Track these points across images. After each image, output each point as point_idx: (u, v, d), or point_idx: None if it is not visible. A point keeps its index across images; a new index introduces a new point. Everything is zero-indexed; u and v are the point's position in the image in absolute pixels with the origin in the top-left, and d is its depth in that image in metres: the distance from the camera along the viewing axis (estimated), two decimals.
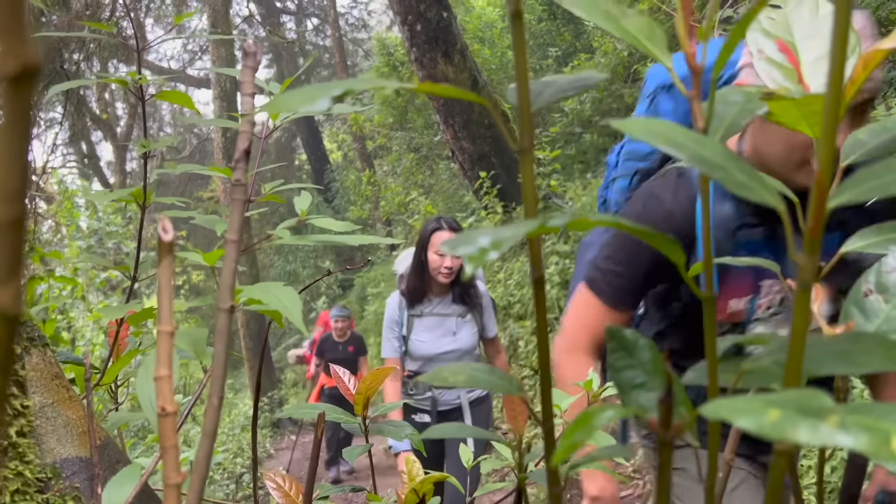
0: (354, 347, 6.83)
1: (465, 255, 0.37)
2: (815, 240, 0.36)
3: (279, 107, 0.45)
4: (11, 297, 0.20)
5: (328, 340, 6.85)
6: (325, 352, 6.76)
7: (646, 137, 0.39)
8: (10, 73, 0.19)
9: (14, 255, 0.20)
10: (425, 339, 3.10)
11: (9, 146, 0.19)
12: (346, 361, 6.64)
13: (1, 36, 0.18)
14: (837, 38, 0.35)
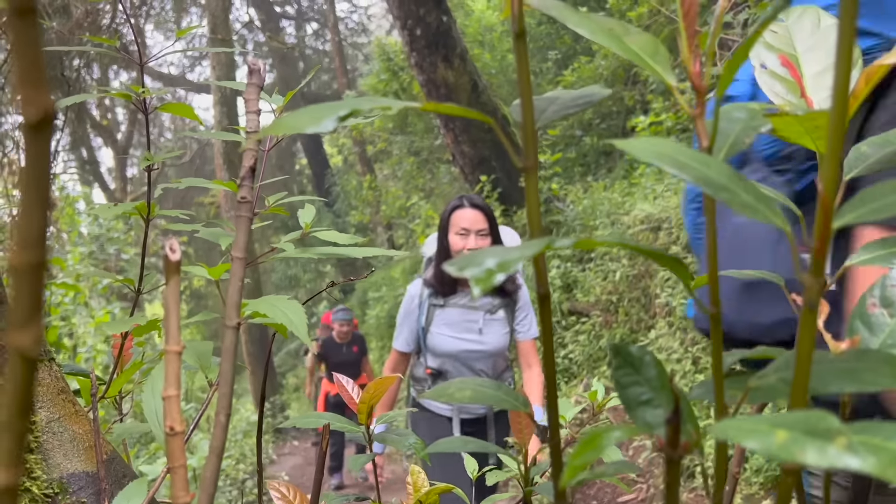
0: (358, 348, 6.72)
1: (471, 277, 0.37)
2: (820, 260, 0.36)
3: (284, 128, 0.45)
4: (32, 339, 0.20)
5: (330, 344, 6.74)
6: (329, 355, 6.65)
7: (650, 158, 0.39)
8: (31, 122, 0.19)
9: (35, 298, 0.20)
10: (446, 333, 2.66)
11: (30, 192, 0.19)
12: (350, 363, 6.56)
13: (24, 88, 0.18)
14: (841, 54, 0.35)
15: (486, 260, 0.40)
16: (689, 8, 0.43)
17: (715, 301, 0.43)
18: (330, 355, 6.68)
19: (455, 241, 2.58)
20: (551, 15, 0.47)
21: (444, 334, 2.65)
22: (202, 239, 3.71)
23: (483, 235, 2.58)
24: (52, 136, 0.19)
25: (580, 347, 5.95)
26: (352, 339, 6.75)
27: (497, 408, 0.57)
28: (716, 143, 0.47)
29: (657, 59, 0.46)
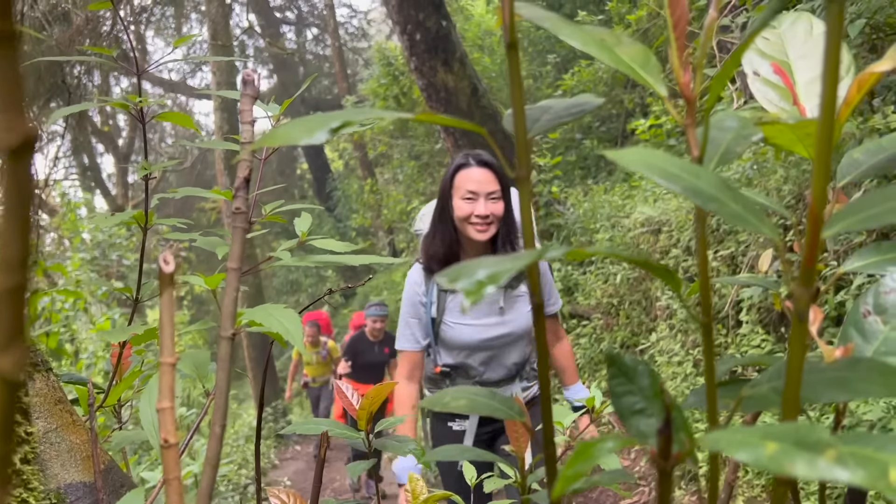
0: (389, 349, 6.08)
1: (462, 289, 0.37)
2: (810, 270, 0.36)
3: (277, 140, 0.45)
4: (13, 362, 0.20)
5: (362, 340, 6.11)
6: (358, 353, 6.07)
7: (640, 169, 0.39)
8: (12, 146, 0.19)
9: (16, 321, 0.20)
10: (463, 321, 2.25)
11: (11, 216, 0.19)
12: (378, 365, 6.09)
13: (4, 113, 0.18)
14: (829, 65, 0.35)
15: (478, 271, 0.40)
16: (679, 19, 0.44)
17: (706, 311, 0.43)
18: (358, 354, 6.06)
19: (461, 206, 2.13)
20: (543, 26, 0.47)
21: (462, 323, 2.24)
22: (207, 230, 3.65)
23: (494, 199, 2.15)
24: (33, 160, 0.19)
25: (581, 350, 5.95)
26: (384, 339, 6.11)
27: (496, 417, 0.56)
28: (707, 153, 0.47)
29: (648, 69, 0.46)
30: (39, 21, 5.34)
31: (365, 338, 6.12)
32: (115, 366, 1.06)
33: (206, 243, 0.85)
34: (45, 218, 9.89)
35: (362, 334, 6.13)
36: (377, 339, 6.10)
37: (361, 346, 6.11)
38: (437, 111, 7.25)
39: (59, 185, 9.30)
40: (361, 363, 6.02)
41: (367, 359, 6.05)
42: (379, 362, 6.09)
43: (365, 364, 6.01)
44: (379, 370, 6.11)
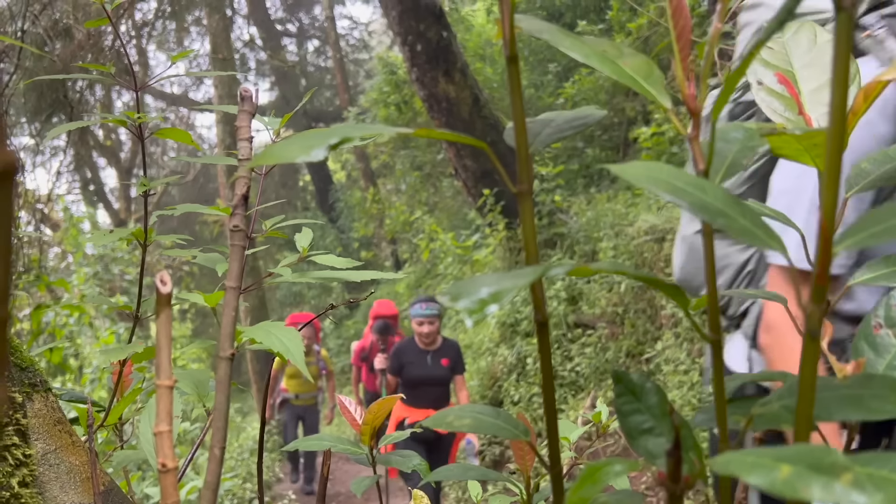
0: (449, 361, 4.61)
1: (463, 308, 0.36)
2: (821, 287, 0.35)
3: (274, 157, 0.45)
4: None
5: (410, 349, 4.64)
6: (405, 365, 4.59)
7: (645, 183, 0.38)
8: None
9: None
10: None
11: None
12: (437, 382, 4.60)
13: None
14: (838, 75, 0.34)
15: (480, 289, 0.39)
16: (682, 30, 0.43)
17: (715, 328, 0.42)
18: (406, 366, 4.61)
19: None
20: (544, 38, 0.46)
21: None
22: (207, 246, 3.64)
23: None
24: (14, 189, 0.19)
25: (586, 360, 5.93)
26: (441, 347, 4.64)
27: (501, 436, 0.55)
28: (713, 165, 0.46)
29: (651, 81, 0.45)
30: (41, 37, 5.36)
31: (414, 345, 4.64)
32: (116, 384, 1.05)
33: (206, 259, 0.85)
34: (48, 233, 9.92)
35: (411, 342, 4.68)
36: (430, 348, 4.61)
37: (409, 355, 4.60)
38: (438, 121, 7.26)
39: (62, 199, 9.31)
40: (411, 379, 4.58)
41: (417, 373, 4.57)
42: (436, 379, 4.58)
43: (416, 381, 4.58)
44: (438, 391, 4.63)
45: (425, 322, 4.56)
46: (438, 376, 4.59)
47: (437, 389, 4.62)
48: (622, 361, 5.68)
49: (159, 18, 7.99)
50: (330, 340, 13.50)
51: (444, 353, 4.64)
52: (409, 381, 4.58)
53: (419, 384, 4.55)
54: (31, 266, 6.01)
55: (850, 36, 0.33)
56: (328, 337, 13.53)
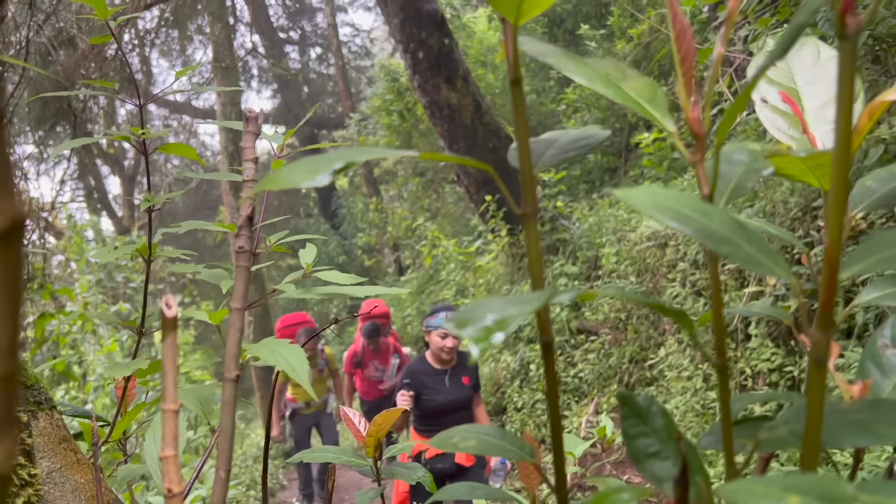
0: (470, 378, 3.87)
1: (469, 337, 0.36)
2: (828, 314, 0.35)
3: (280, 182, 0.45)
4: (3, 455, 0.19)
5: (425, 371, 3.79)
6: (425, 388, 3.76)
7: (650, 210, 0.38)
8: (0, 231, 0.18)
9: (7, 412, 0.19)
10: None
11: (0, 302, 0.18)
12: (462, 406, 3.82)
13: None
14: (842, 105, 0.34)
15: (486, 316, 0.39)
16: (686, 54, 0.43)
17: (721, 352, 0.42)
18: (427, 389, 3.77)
19: None
20: (548, 62, 0.46)
21: None
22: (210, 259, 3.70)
23: None
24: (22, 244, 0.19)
25: (590, 366, 5.92)
26: (459, 363, 3.86)
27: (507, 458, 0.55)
28: (717, 188, 0.46)
29: (655, 104, 0.45)
30: (45, 47, 5.38)
31: (427, 365, 3.81)
32: (121, 399, 1.05)
33: (210, 276, 0.85)
34: (52, 241, 9.94)
35: (423, 361, 3.85)
36: (447, 366, 3.79)
37: (425, 377, 3.78)
38: (440, 128, 7.27)
39: (66, 207, 9.34)
40: (430, 409, 3.79)
41: (438, 400, 3.77)
42: (459, 403, 3.80)
43: (436, 409, 3.79)
44: (461, 416, 3.86)
45: (450, 335, 3.69)
46: (461, 399, 3.80)
47: (460, 415, 3.81)
48: (625, 367, 5.67)
49: (162, 27, 8.02)
50: (332, 348, 13.48)
51: (463, 369, 3.86)
52: (427, 411, 3.77)
53: (441, 412, 3.75)
54: (36, 275, 6.03)
55: (854, 64, 0.33)
56: (329, 345, 13.52)
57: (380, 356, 6.05)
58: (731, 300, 4.97)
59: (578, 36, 9.22)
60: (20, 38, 4.86)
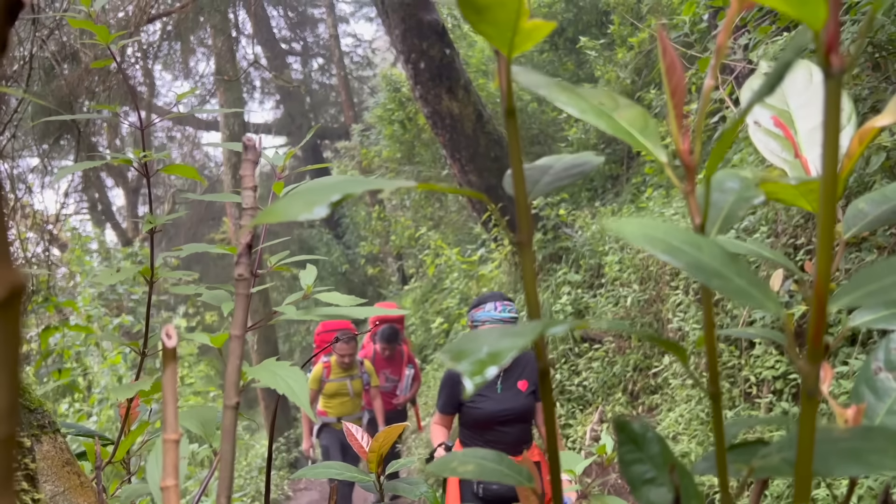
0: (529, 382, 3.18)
1: (464, 372, 0.36)
2: (818, 348, 0.35)
3: (277, 215, 0.45)
4: None
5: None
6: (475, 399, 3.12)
7: (641, 243, 0.38)
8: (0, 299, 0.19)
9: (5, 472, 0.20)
10: None
11: None
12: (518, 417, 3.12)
13: None
14: (828, 142, 0.35)
15: (481, 349, 0.39)
16: (676, 87, 0.43)
17: (714, 380, 0.42)
18: (476, 399, 3.14)
19: None
20: (540, 94, 0.47)
21: None
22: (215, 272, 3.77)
23: None
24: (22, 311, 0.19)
25: (594, 374, 5.91)
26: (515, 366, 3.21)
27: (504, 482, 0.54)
28: (709, 217, 0.47)
29: (646, 133, 0.46)
30: (49, 61, 5.42)
31: None
32: (124, 418, 1.05)
33: (211, 297, 0.85)
34: (56, 253, 9.97)
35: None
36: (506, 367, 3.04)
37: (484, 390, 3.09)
38: (442, 138, 7.29)
39: (68, 220, 9.37)
40: (478, 418, 3.11)
41: (487, 408, 3.08)
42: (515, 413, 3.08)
43: (485, 419, 3.10)
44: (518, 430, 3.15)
45: None
46: (517, 410, 3.09)
47: (517, 429, 3.13)
48: (630, 376, 5.66)
49: (165, 40, 8.06)
50: None
51: (520, 371, 3.17)
52: (474, 421, 3.12)
53: (489, 423, 3.10)
54: (40, 287, 6.05)
55: (839, 102, 0.34)
56: None
57: (393, 365, 5.55)
58: (735, 307, 4.96)
59: (579, 46, 9.25)
60: (23, 54, 4.89)
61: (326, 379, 5.18)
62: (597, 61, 9.15)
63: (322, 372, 5.13)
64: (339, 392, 5.21)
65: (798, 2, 0.31)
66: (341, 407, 5.26)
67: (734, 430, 0.51)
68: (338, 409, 5.25)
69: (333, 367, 5.17)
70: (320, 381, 5.13)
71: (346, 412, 5.27)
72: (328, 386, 5.18)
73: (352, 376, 5.23)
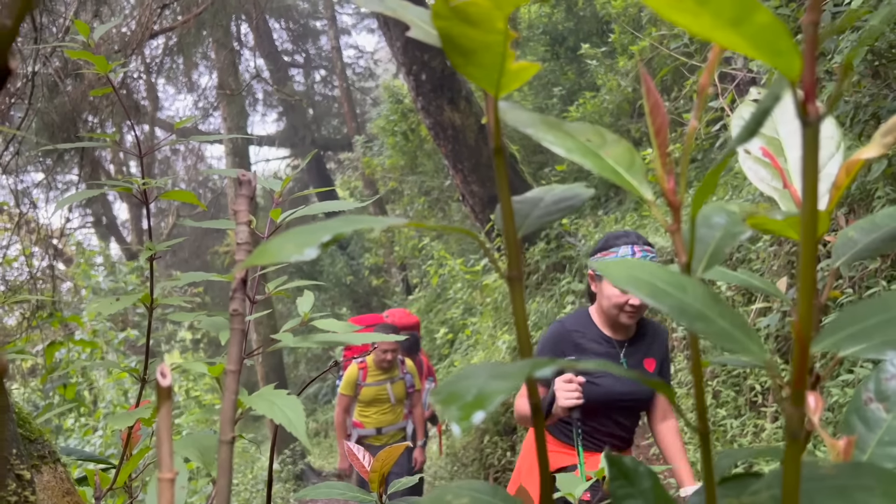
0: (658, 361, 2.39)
1: (450, 418, 0.37)
2: (800, 391, 0.36)
3: (268, 256, 0.46)
4: None
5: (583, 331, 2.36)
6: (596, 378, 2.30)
7: (626, 285, 0.39)
8: None
9: None
10: None
11: None
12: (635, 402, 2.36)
13: None
14: (807, 187, 0.35)
15: (468, 391, 0.40)
16: (660, 126, 0.44)
17: (702, 418, 0.43)
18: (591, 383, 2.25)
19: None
20: (527, 133, 0.48)
21: None
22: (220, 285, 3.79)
23: None
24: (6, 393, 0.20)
25: None
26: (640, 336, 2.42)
27: None
28: (695, 253, 0.47)
29: (633, 171, 0.46)
30: (52, 78, 5.45)
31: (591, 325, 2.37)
32: (125, 443, 1.06)
33: (209, 325, 0.86)
34: (60, 268, 10.00)
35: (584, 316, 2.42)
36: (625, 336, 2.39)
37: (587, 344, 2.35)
38: (444, 149, 7.31)
39: (73, 235, 9.41)
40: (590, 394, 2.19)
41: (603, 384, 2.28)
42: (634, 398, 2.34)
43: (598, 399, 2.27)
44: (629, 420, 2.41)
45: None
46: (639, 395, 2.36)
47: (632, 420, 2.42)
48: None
49: (167, 55, 8.11)
50: None
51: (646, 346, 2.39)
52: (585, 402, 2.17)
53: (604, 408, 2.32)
54: (45, 302, 6.06)
55: (817, 149, 0.34)
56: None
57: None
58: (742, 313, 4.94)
59: (580, 54, 9.28)
60: (27, 72, 4.93)
61: (362, 383, 4.37)
62: (598, 70, 9.17)
63: (357, 374, 4.37)
64: (377, 398, 4.36)
65: (773, 53, 0.32)
66: (381, 416, 4.41)
67: (726, 462, 0.51)
68: (377, 420, 4.42)
69: (370, 369, 4.36)
70: (355, 385, 4.35)
71: (386, 422, 4.44)
72: (365, 391, 4.34)
73: (392, 379, 4.38)
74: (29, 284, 6.38)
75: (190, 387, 9.51)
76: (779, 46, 0.30)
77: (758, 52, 0.32)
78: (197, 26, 7.63)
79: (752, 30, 0.29)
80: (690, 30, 0.32)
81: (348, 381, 4.39)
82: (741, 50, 0.33)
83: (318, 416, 13.83)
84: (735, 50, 0.34)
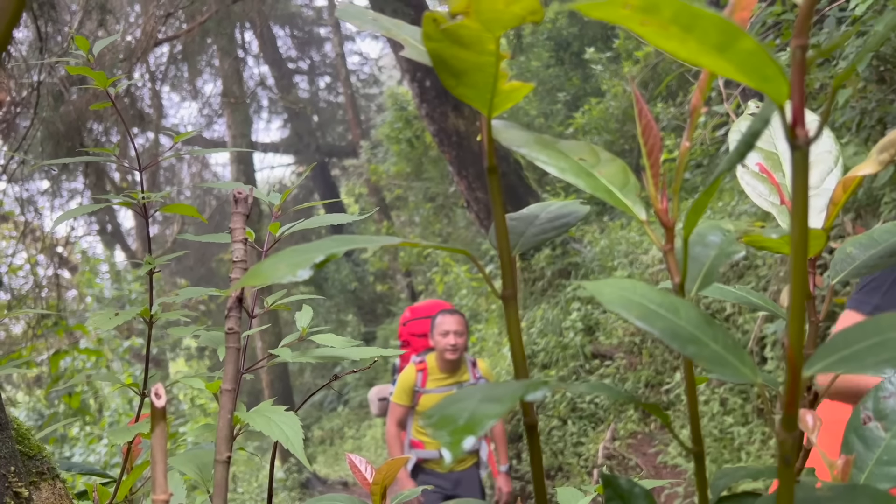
0: None
1: (443, 443, 0.36)
2: (792, 416, 0.35)
3: (261, 277, 0.46)
4: None
5: None
6: None
7: (617, 308, 0.39)
8: None
9: None
10: None
11: None
12: None
13: None
14: (797, 209, 0.35)
15: (460, 414, 0.39)
16: (653, 146, 0.44)
17: (697, 440, 0.42)
18: None
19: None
20: (521, 153, 0.47)
21: None
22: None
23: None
24: (4, 406, 0.20)
25: None
26: None
27: None
28: (689, 273, 0.47)
29: (626, 191, 0.46)
30: (57, 87, 5.48)
31: None
32: (125, 456, 1.06)
33: (208, 340, 0.86)
34: (66, 275, 10.03)
35: None
36: None
37: None
38: (449, 155, 7.31)
39: (78, 243, 9.44)
40: None
41: None
42: None
43: None
44: None
45: None
46: None
47: None
48: (641, 392, 5.63)
49: (172, 63, 8.15)
50: None
51: None
52: None
53: None
54: (50, 311, 6.08)
55: (807, 173, 0.34)
56: None
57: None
58: (745, 321, 4.93)
59: (585, 59, 9.28)
60: (32, 81, 4.96)
61: (422, 389, 3.47)
62: (602, 75, 9.17)
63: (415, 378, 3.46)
64: None
65: (760, 77, 0.32)
66: None
67: (722, 482, 0.51)
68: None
69: (432, 370, 3.48)
70: (413, 392, 3.46)
71: None
72: (425, 399, 3.46)
73: (461, 384, 3.50)
74: (34, 293, 6.41)
75: (195, 395, 9.52)
76: (765, 72, 0.30)
77: (745, 77, 0.32)
78: (201, 34, 7.66)
79: (738, 56, 0.29)
80: (678, 55, 0.32)
81: (404, 386, 3.48)
82: (729, 75, 0.33)
83: (323, 423, 13.82)
84: (724, 75, 0.33)
